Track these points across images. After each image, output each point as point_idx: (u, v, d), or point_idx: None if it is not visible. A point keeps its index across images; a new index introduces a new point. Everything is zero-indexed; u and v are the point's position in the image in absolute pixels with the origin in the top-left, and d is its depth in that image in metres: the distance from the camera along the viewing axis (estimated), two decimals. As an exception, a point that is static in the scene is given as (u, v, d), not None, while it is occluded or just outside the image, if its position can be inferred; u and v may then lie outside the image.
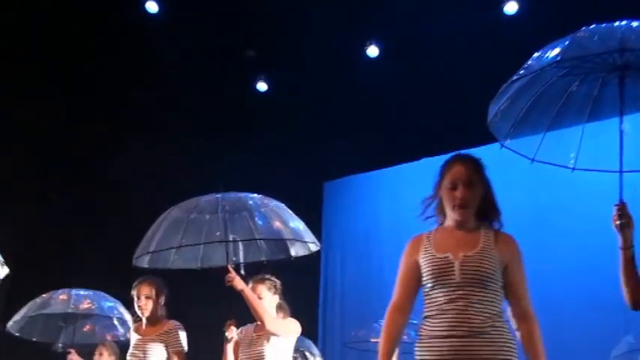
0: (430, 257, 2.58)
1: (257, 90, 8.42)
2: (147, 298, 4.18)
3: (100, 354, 5.30)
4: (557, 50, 2.71)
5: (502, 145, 3.05)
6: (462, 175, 2.59)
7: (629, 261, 2.56)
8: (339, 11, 7.15)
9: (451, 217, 2.64)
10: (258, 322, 3.94)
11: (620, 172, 2.67)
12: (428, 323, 2.55)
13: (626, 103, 2.76)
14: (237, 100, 8.32)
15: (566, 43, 2.72)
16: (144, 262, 4.27)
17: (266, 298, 3.96)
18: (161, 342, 4.08)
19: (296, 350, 6.12)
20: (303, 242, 4.18)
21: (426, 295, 2.60)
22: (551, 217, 7.05)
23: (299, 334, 4.07)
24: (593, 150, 2.98)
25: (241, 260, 4.14)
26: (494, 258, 2.52)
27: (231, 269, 3.81)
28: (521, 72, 2.79)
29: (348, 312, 8.51)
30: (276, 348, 3.91)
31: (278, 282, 4.13)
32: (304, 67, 7.93)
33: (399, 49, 7.53)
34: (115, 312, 5.33)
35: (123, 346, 5.43)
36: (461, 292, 2.47)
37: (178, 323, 4.22)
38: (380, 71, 7.63)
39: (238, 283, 3.77)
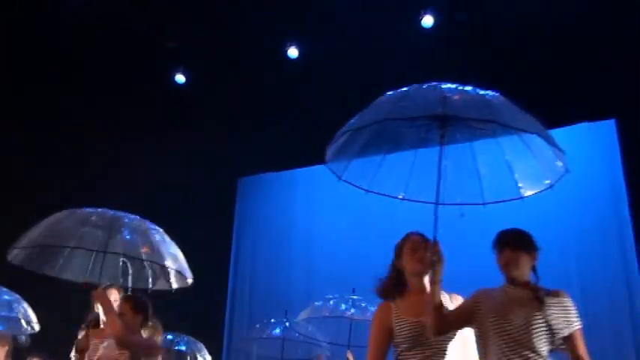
0: (406, 323, 2.97)
1: (174, 83, 8.34)
2: (115, 301, 4.22)
3: None
4: (390, 105, 3.03)
5: (339, 179, 3.33)
6: (418, 240, 3.09)
7: (437, 294, 2.87)
8: (262, 10, 7.22)
9: (412, 281, 3.08)
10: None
11: (436, 204, 2.96)
12: None
13: (447, 141, 3.11)
14: (152, 95, 8.21)
15: (398, 99, 3.03)
16: (21, 259, 4.22)
17: (127, 315, 4.02)
18: None
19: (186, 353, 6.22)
20: (183, 275, 4.27)
21: (401, 355, 2.98)
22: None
23: (159, 355, 4.10)
24: (418, 183, 3.29)
25: (129, 284, 4.23)
26: None
27: (100, 286, 3.93)
28: (360, 122, 3.07)
29: (256, 307, 8.57)
30: None
31: (147, 303, 4.18)
32: (223, 62, 7.94)
33: (318, 52, 7.67)
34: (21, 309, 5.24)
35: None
36: (434, 349, 2.92)
37: None
38: (299, 72, 7.75)
39: (103, 299, 3.88)
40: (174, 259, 4.22)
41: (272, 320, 6.42)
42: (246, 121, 8.22)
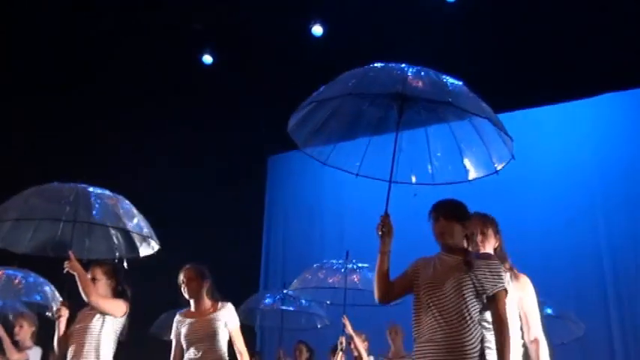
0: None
1: (202, 63, 8.45)
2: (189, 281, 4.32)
3: (21, 326, 5.44)
4: (352, 82, 3.11)
5: (300, 149, 3.44)
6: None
7: (384, 264, 3.00)
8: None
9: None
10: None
11: (390, 182, 3.12)
12: None
13: (404, 124, 3.23)
14: (181, 73, 8.32)
15: (360, 76, 3.12)
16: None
17: (101, 281, 4.20)
18: (219, 320, 4.19)
19: None
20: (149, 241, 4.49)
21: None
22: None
23: (125, 315, 4.23)
24: (374, 161, 3.42)
25: (123, 254, 4.51)
26: None
27: (72, 256, 4.11)
28: (320, 95, 3.17)
29: (289, 278, 8.73)
30: (101, 324, 4.15)
31: (119, 268, 4.36)
32: (249, 42, 8.00)
33: (343, 28, 7.69)
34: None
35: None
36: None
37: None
38: (325, 49, 7.79)
39: (75, 268, 4.08)
40: (145, 223, 4.46)
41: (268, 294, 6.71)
42: (274, 98, 8.26)
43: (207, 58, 8.46)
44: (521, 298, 3.30)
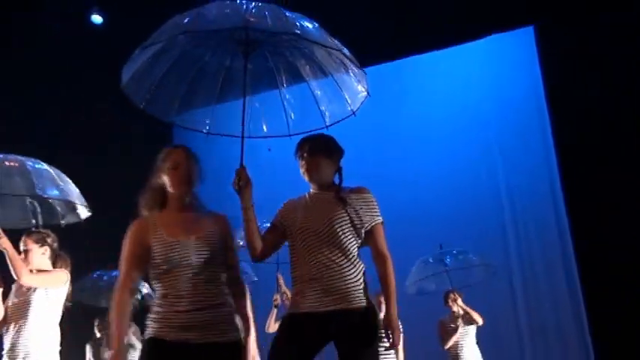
0: (162, 241, 2.70)
1: (92, 23, 7.97)
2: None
3: None
4: (184, 22, 2.81)
5: (141, 107, 3.07)
6: (181, 156, 2.85)
7: (250, 220, 2.84)
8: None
9: (173, 197, 2.83)
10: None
11: (242, 137, 2.94)
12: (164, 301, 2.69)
13: (253, 76, 3.06)
14: (71, 37, 7.85)
15: (193, 16, 2.82)
16: None
17: (34, 251, 4.06)
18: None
19: None
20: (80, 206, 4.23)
21: (159, 277, 2.73)
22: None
23: (67, 282, 4.11)
24: (225, 117, 3.21)
25: (40, 222, 4.25)
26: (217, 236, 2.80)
27: (0, 232, 3.87)
28: (152, 40, 2.85)
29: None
30: (42, 297, 4.00)
31: (51, 235, 4.19)
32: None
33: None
34: None
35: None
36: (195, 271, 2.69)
37: None
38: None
39: (4, 244, 3.85)
40: (74, 191, 4.18)
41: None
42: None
43: (97, 18, 7.94)
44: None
